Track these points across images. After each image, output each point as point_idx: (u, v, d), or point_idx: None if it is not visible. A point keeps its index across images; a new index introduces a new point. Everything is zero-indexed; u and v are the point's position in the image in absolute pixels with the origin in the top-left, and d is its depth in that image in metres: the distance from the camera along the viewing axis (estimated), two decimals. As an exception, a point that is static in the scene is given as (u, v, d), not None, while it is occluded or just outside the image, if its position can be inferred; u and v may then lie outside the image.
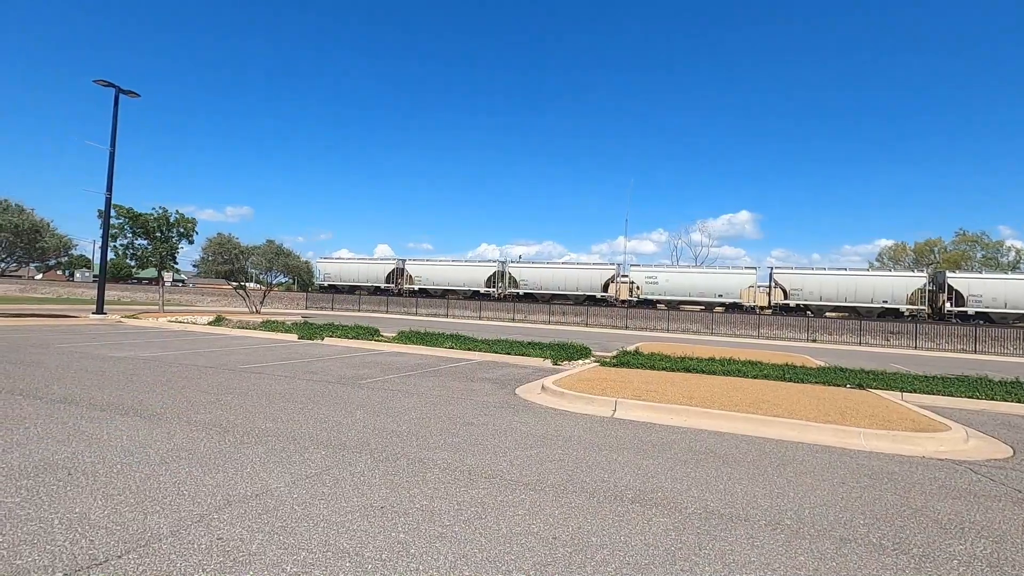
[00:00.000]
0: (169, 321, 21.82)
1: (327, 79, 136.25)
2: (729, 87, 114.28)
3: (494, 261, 48.45)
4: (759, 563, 3.31)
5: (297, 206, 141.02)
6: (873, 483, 5.16)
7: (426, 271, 48.51)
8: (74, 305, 32.42)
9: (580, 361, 14.54)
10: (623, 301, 43.19)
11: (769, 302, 40.25)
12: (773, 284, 40.38)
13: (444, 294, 46.84)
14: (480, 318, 41.65)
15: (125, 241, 25.43)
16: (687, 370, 12.62)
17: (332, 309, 45.48)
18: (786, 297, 39.33)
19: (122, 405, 6.79)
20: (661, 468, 5.27)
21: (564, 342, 16.80)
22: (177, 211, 26.68)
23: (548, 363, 13.80)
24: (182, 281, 53.93)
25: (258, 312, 29.03)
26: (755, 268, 42.22)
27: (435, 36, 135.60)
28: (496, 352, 14.83)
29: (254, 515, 3.62)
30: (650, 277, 42.31)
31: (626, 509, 4.10)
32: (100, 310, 23.02)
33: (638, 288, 42.32)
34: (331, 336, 17.34)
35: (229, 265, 27.68)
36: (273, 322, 20.60)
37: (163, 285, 29.30)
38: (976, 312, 35.26)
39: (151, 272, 40.39)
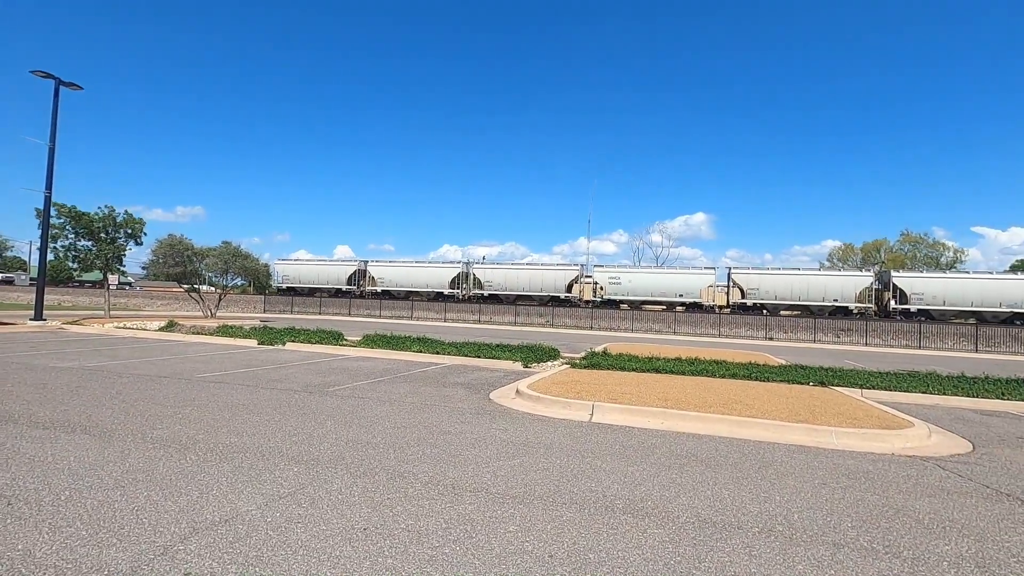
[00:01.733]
0: (116, 327, 20.61)
1: (280, 76, 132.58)
2: (683, 88, 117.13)
3: (458, 262, 48.07)
4: (760, 574, 3.25)
5: (252, 206, 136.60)
6: (852, 483, 5.23)
7: (389, 272, 47.67)
8: (9, 311, 30.27)
9: (550, 363, 14.47)
10: (587, 302, 43.56)
11: (728, 301, 41.35)
12: (731, 284, 41.51)
13: (408, 296, 46.14)
14: (445, 320, 41.21)
15: (67, 242, 23.88)
16: (656, 371, 12.71)
17: (292, 312, 44.12)
18: (743, 296, 40.47)
19: (68, 422, 6.26)
20: (647, 474, 5.20)
21: (532, 344, 16.71)
22: (125, 211, 25.28)
23: (519, 366, 13.67)
24: (129, 284, 51.19)
25: (213, 316, 27.81)
26: (714, 268, 43.31)
27: (395, 34, 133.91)
28: (465, 355, 14.60)
29: (224, 544, 3.32)
30: (613, 278, 42.81)
31: (619, 521, 3.99)
32: (39, 316, 21.53)
33: (602, 289, 42.75)
34: (293, 341, 16.72)
35: (181, 267, 26.39)
36: (230, 327, 19.74)
37: (109, 288, 27.65)
38: (918, 309, 37.16)
39: (95, 275, 38.16)
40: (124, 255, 25.40)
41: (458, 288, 46.14)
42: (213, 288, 33.89)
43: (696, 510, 4.29)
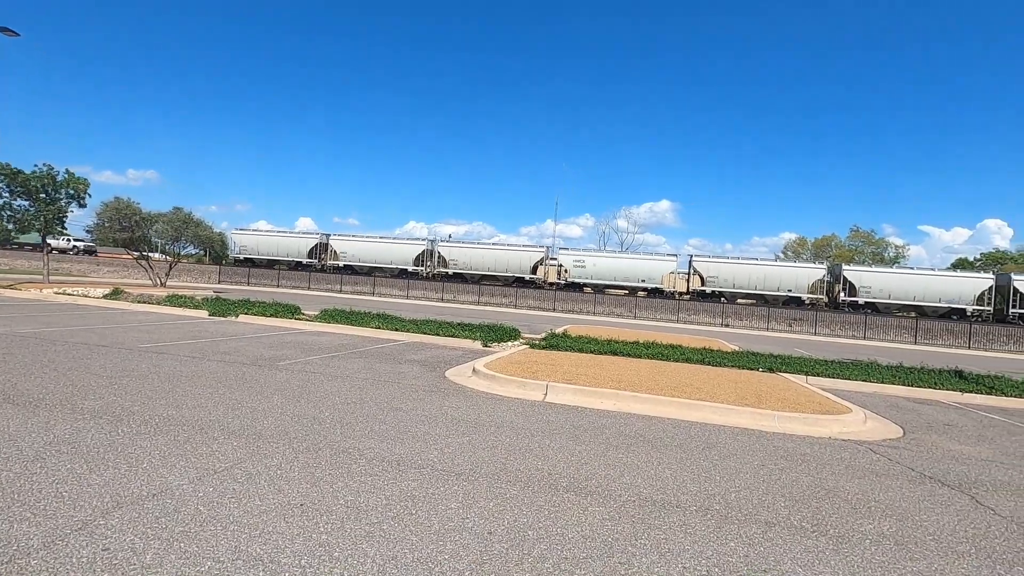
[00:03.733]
0: (56, 293, 19.56)
1: (246, 43, 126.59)
2: (653, 81, 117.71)
3: (423, 239, 47.48)
4: (692, 551, 3.33)
5: (211, 174, 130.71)
6: (789, 465, 5.42)
7: (352, 247, 46.69)
8: (-64, 272, 28.33)
9: (510, 343, 14.49)
10: (551, 284, 43.78)
11: (688, 288, 42.27)
12: (692, 271, 42.39)
13: (370, 272, 45.36)
14: (408, 297, 40.79)
15: (1, 201, 22.39)
16: (614, 353, 12.90)
17: (248, 284, 42.84)
18: (703, 284, 41.44)
19: (-10, 390, 5.89)
20: (594, 454, 5.26)
21: (494, 324, 16.70)
22: (67, 170, 23.80)
23: (478, 345, 13.64)
24: (73, 249, 48.48)
25: (163, 286, 26.68)
26: (675, 255, 44.10)
27: (366, 8, 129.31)
28: (425, 333, 14.47)
29: (150, 519, 3.18)
30: (578, 261, 43.10)
31: (561, 499, 4.02)
32: (-31, 278, 20.19)
33: (566, 271, 43.00)
34: (246, 313, 16.21)
35: (128, 233, 25.14)
36: (180, 297, 18.98)
37: (48, 252, 26.09)
38: (865, 302, 38.86)
39: (35, 237, 35.92)
40: (66, 217, 24.00)
41: (422, 266, 45.64)
42: (165, 256, 32.50)
43: (638, 489, 4.36)
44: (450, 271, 44.69)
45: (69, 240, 46.14)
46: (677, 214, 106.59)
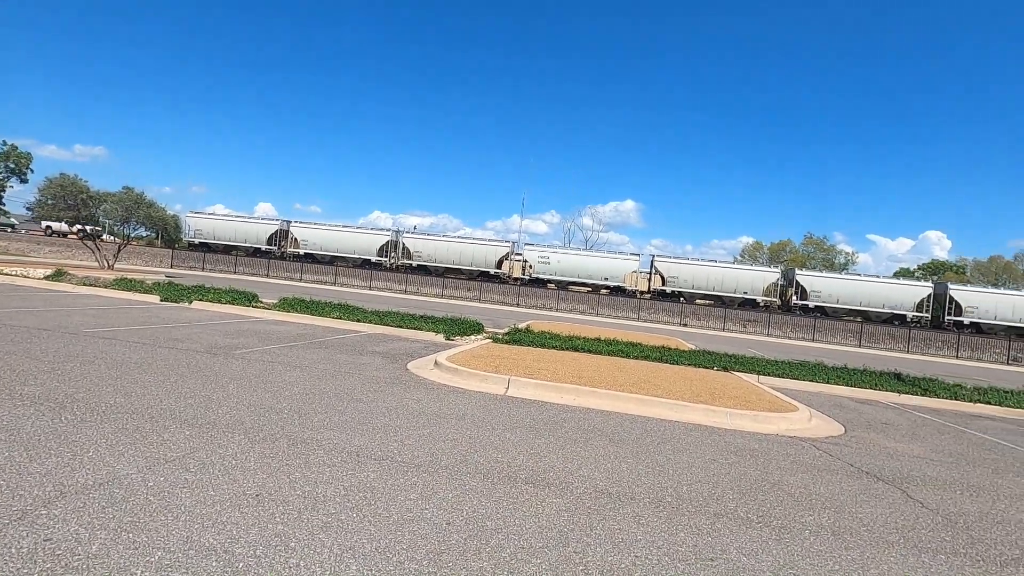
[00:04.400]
0: (-9, 272, 18.42)
1: (198, 12, 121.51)
2: (621, 81, 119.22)
3: (387, 230, 46.84)
4: (645, 541, 3.45)
5: (164, 153, 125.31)
6: (739, 460, 5.65)
7: (313, 235, 45.64)
8: None
9: (473, 337, 14.50)
10: (516, 279, 43.93)
11: (649, 287, 43.16)
12: (653, 271, 43.29)
13: (332, 261, 44.48)
14: (370, 288, 40.19)
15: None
16: (576, 349, 13.08)
17: (203, 270, 41.36)
18: (664, 284, 42.37)
19: (-82, 373, 5.54)
20: (553, 447, 5.35)
21: (457, 317, 16.67)
22: (4, 141, 22.42)
23: (441, 338, 13.60)
24: (11, 226, 45.63)
25: (111, 268, 25.48)
26: (638, 255, 44.93)
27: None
28: (387, 324, 14.32)
29: (96, 509, 3.08)
30: (543, 257, 43.37)
31: (520, 490, 4.08)
32: None
33: (531, 267, 43.22)
34: (201, 299, 15.67)
35: (74, 211, 23.89)
36: (130, 280, 18.18)
37: (-16, 229, 24.59)
38: (815, 306, 40.55)
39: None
40: (3, 192, 22.61)
41: (386, 256, 45.04)
42: (113, 238, 31.02)
43: (595, 481, 4.47)
44: (414, 263, 44.27)
45: (8, 216, 43.46)
46: (641, 214, 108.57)
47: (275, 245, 46.38)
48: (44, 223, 23.72)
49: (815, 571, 3.28)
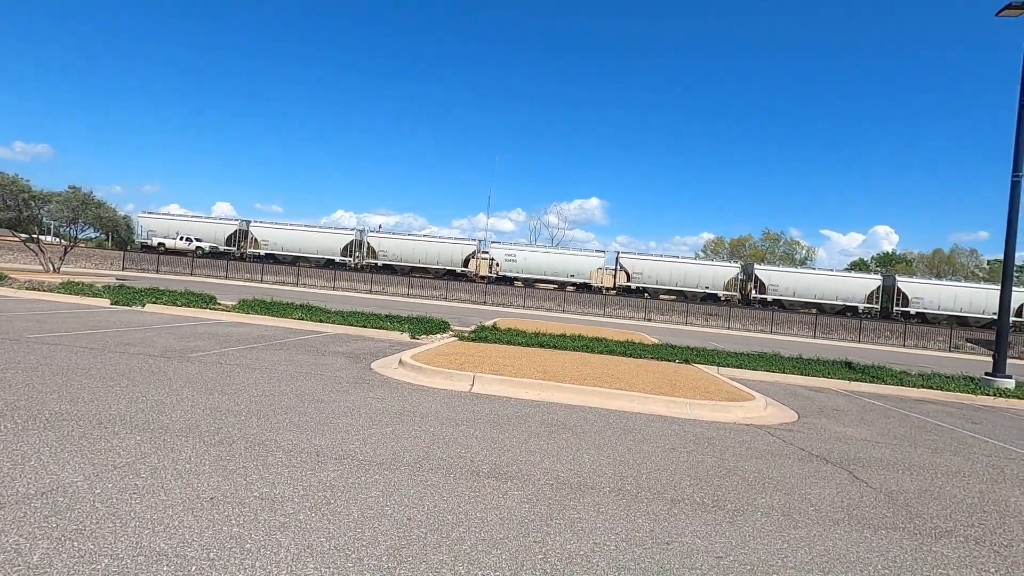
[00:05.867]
0: (-77, 277, 17.33)
1: (151, 5, 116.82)
2: (584, 81, 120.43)
3: (352, 229, 46.16)
4: (604, 528, 3.52)
5: (114, 149, 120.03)
6: (697, 447, 5.82)
7: (275, 235, 44.59)
8: None
9: (439, 335, 14.45)
10: (483, 277, 43.91)
11: (614, 283, 43.81)
12: (618, 267, 43.98)
13: (295, 261, 43.55)
14: (334, 288, 39.53)
15: None
16: (541, 345, 13.19)
17: (158, 272, 39.91)
18: (629, 280, 43.08)
19: None
20: (516, 441, 5.40)
21: (423, 316, 16.58)
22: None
23: (406, 337, 13.50)
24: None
25: (56, 271, 24.30)
26: (603, 252, 45.56)
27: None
28: (351, 324, 14.13)
29: (37, 518, 2.96)
30: (509, 255, 43.48)
31: (482, 484, 4.11)
32: None
33: (497, 265, 43.29)
34: (155, 302, 15.12)
35: (14, 212, 22.67)
36: (77, 284, 17.39)
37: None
38: (774, 299, 41.92)
39: None
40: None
41: (351, 256, 44.36)
42: (59, 240, 29.58)
43: (556, 473, 4.54)
44: (380, 262, 43.75)
45: None
46: (606, 211, 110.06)
47: (234, 245, 45.12)
48: None
49: (764, 549, 3.42)
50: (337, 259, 43.81)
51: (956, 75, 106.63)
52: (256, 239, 44.96)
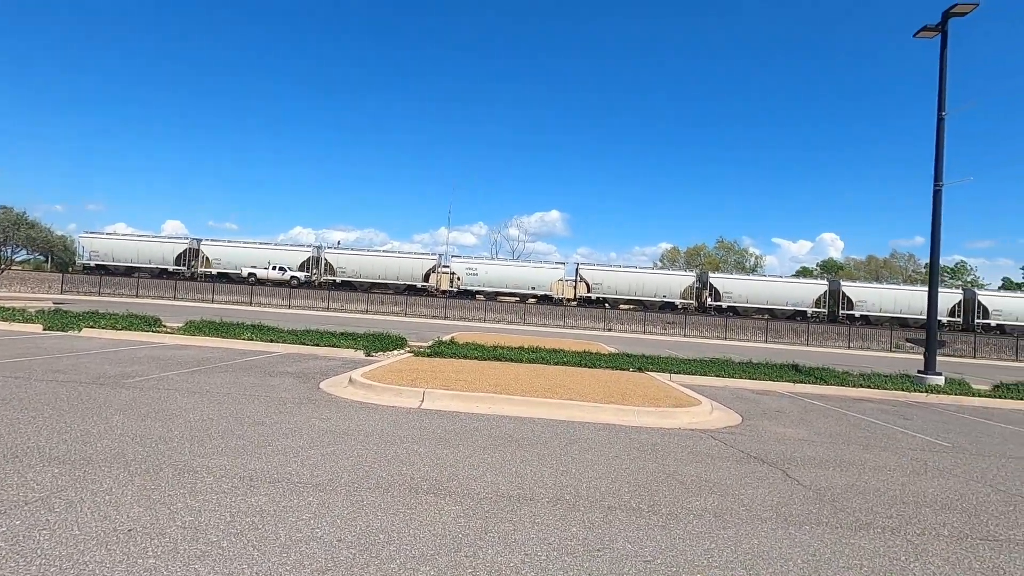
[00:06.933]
0: None
1: (95, 8, 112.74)
2: (541, 90, 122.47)
3: (309, 246, 45.32)
4: (536, 539, 3.55)
5: (53, 165, 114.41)
6: (640, 454, 5.93)
7: (228, 253, 43.28)
8: None
9: (395, 352, 14.28)
10: (444, 291, 43.71)
11: (575, 295, 44.32)
12: (578, 279, 44.54)
13: (250, 279, 42.30)
14: (290, 307, 38.62)
15: None
16: (497, 359, 13.20)
17: (99, 294, 38.09)
18: (589, 290, 43.65)
19: None
20: (460, 456, 5.38)
21: (380, 332, 16.36)
22: None
23: (360, 354, 13.30)
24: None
25: (-14, 296, 22.89)
26: (564, 263, 46.11)
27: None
28: (304, 344, 13.82)
29: (-70, 562, 2.78)
30: (470, 268, 43.46)
31: (420, 501, 4.09)
32: None
33: (459, 279, 43.18)
34: (93, 326, 14.42)
35: (-61, 235, 21.30)
36: (8, 309, 16.43)
37: None
38: (728, 306, 43.21)
39: None
40: None
41: (308, 272, 43.44)
42: (-10, 262, 27.94)
43: (497, 486, 4.55)
44: (338, 279, 43.02)
45: None
46: (567, 223, 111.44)
47: (184, 265, 43.56)
48: None
49: (692, 551, 3.52)
50: (297, 277, 42.81)
51: (903, 84, 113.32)
52: (208, 258, 43.54)
